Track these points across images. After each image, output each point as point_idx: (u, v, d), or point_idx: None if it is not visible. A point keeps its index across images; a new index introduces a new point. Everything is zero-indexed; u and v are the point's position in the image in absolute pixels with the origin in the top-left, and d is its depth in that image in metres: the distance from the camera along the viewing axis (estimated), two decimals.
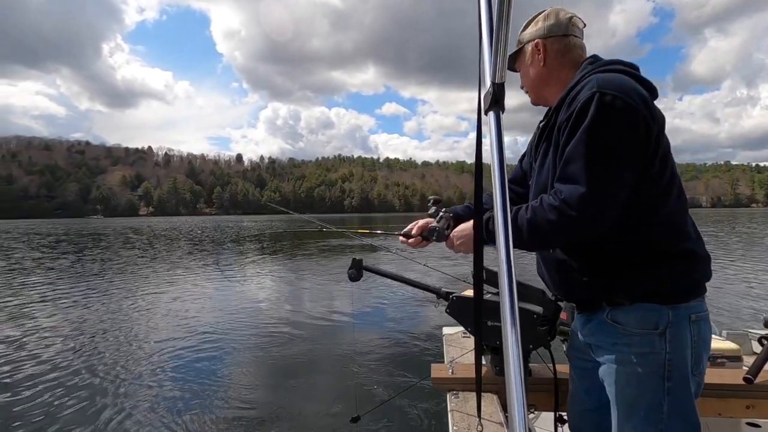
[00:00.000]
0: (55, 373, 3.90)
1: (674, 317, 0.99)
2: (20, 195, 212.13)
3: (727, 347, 1.57)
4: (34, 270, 11.28)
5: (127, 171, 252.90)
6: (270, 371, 3.89)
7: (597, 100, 0.94)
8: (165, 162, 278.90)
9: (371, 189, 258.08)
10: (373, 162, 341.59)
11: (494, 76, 0.56)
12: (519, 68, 1.25)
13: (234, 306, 6.54)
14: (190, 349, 4.52)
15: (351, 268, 1.55)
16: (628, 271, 1.01)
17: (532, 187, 1.19)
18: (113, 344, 4.73)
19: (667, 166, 1.02)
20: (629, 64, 1.08)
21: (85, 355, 4.36)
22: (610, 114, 0.93)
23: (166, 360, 4.18)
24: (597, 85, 0.96)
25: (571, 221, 0.95)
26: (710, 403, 1.37)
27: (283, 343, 4.67)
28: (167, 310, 6.30)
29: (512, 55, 1.24)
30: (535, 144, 1.21)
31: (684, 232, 1.03)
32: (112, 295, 7.53)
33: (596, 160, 0.94)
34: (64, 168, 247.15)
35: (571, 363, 1.27)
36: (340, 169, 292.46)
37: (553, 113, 1.10)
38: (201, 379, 3.73)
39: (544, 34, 1.15)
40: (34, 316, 6.09)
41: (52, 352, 4.49)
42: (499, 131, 0.55)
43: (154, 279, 9.36)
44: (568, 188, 0.95)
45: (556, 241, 1.06)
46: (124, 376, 3.80)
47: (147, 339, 4.89)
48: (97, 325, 5.58)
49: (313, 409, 3.13)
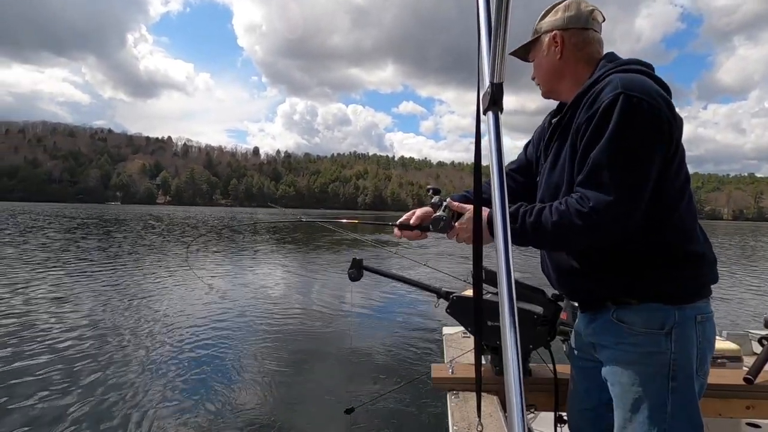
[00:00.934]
0: (58, 349, 4.08)
1: (680, 317, 1.00)
2: (45, 179, 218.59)
3: (728, 347, 1.58)
4: (56, 252, 11.65)
5: (147, 159, 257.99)
6: (269, 370, 3.85)
7: (622, 102, 0.93)
8: (183, 152, 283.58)
9: (385, 187, 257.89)
10: (388, 160, 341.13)
11: (493, 76, 0.56)
12: (532, 58, 1.22)
13: (234, 299, 6.58)
14: (189, 339, 4.56)
15: (351, 267, 1.57)
16: (638, 271, 1.02)
17: (541, 184, 1.18)
18: (108, 323, 4.93)
19: (682, 170, 1.02)
20: (646, 63, 1.07)
21: (84, 333, 4.55)
22: (636, 117, 0.93)
23: (157, 349, 4.24)
24: (621, 86, 0.95)
25: (598, 227, 0.96)
26: (710, 404, 1.37)
27: (282, 343, 4.65)
28: (162, 301, 6.44)
29: (526, 45, 1.21)
30: (547, 141, 1.19)
31: (694, 236, 1.03)
32: (118, 277, 7.76)
33: (624, 167, 0.93)
34: (87, 154, 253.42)
35: (572, 362, 1.27)
36: (355, 166, 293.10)
37: (569, 110, 1.09)
38: (197, 369, 3.76)
39: (564, 26, 1.12)
40: (44, 300, 6.29)
41: (61, 328, 4.72)
42: (497, 131, 0.55)
43: (150, 267, 9.59)
44: (595, 195, 0.94)
45: (579, 245, 1.06)
46: (114, 356, 3.95)
47: (141, 328, 4.99)
48: (101, 302, 5.82)
49: (310, 408, 3.14)
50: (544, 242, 1.08)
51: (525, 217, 1.03)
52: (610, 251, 1.03)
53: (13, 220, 28.92)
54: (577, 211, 0.96)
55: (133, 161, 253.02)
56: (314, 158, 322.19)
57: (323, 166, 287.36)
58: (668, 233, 1.01)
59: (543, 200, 1.18)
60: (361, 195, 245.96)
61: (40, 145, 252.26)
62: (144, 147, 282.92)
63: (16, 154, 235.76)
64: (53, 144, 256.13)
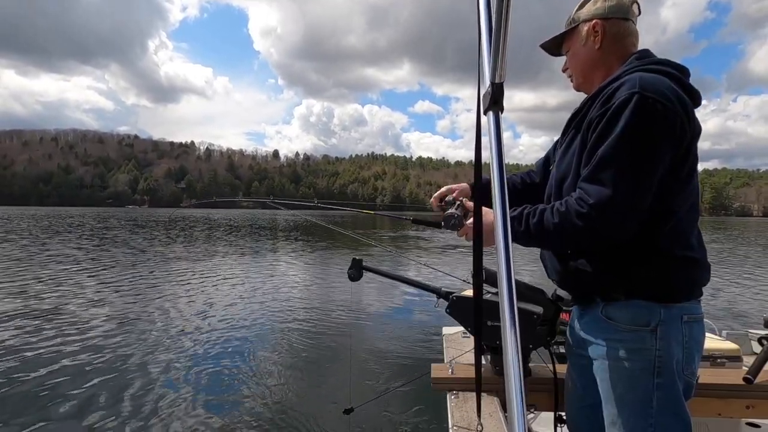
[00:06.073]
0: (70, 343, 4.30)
1: (666, 316, 1.00)
2: (77, 184, 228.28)
3: (727, 347, 1.56)
4: (91, 252, 12.17)
5: (172, 164, 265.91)
6: (268, 371, 3.84)
7: (635, 102, 0.92)
8: (206, 156, 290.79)
9: (403, 187, 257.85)
10: (406, 160, 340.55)
11: (493, 76, 0.55)
12: (567, 49, 1.19)
13: (233, 299, 6.68)
14: (188, 338, 4.65)
15: (351, 267, 1.58)
16: (627, 267, 1.02)
17: (553, 173, 1.18)
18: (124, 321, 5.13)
19: (692, 179, 1.01)
20: (678, 66, 1.04)
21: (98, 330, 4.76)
22: (647, 118, 0.92)
23: (157, 351, 4.30)
24: (639, 86, 0.93)
25: (597, 226, 0.96)
26: (710, 403, 1.36)
27: (281, 343, 4.68)
28: (168, 300, 6.64)
29: (559, 37, 1.19)
30: (562, 132, 1.19)
31: (688, 242, 1.03)
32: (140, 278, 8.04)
33: (628, 165, 0.93)
34: (115, 160, 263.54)
35: (569, 359, 1.27)
36: (373, 166, 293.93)
37: (586, 103, 1.08)
38: (195, 368, 3.79)
39: (605, 14, 1.10)
40: (74, 296, 6.61)
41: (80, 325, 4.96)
42: (498, 131, 0.55)
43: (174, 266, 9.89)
44: (597, 190, 0.94)
45: (583, 245, 1.05)
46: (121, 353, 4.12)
47: (145, 327, 5.14)
48: (122, 300, 6.06)
49: (310, 407, 3.15)
50: (548, 244, 1.08)
51: (528, 218, 1.04)
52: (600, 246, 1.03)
53: (56, 222, 30.36)
54: (577, 212, 0.96)
55: (160, 166, 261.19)
56: (333, 160, 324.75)
57: (342, 168, 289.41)
58: (663, 236, 1.00)
59: (549, 191, 1.18)
60: (379, 195, 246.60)
61: (72, 152, 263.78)
62: (169, 152, 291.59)
63: (50, 161, 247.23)
64: (84, 150, 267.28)
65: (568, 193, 1.06)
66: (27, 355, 4.06)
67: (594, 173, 0.96)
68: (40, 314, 5.50)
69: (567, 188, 1.08)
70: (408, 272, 8.47)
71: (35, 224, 28.06)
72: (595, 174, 0.95)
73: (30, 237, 17.78)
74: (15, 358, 3.95)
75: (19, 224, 28.04)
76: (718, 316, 5.19)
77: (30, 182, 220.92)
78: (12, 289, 7.08)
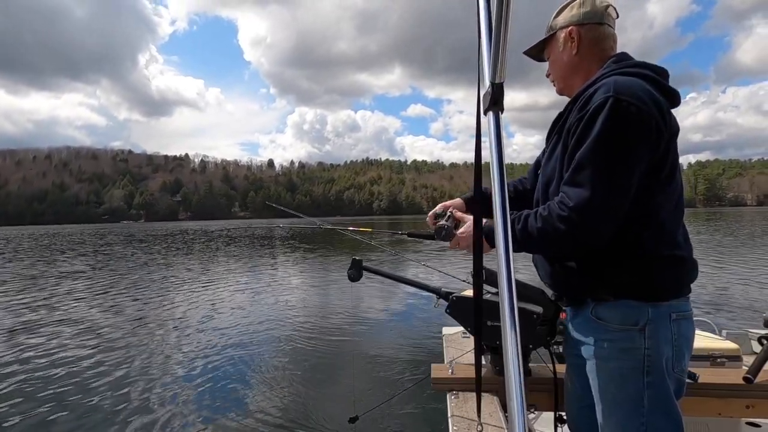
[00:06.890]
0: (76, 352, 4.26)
1: (654, 315, 1.00)
2: (72, 201, 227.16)
3: (727, 347, 1.56)
4: (90, 269, 12.10)
5: (167, 177, 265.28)
6: (272, 378, 3.85)
7: (610, 105, 0.94)
8: (201, 168, 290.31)
9: (399, 191, 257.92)
10: (401, 165, 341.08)
11: (493, 77, 0.55)
12: (547, 56, 1.22)
13: (234, 308, 6.64)
14: (191, 348, 4.65)
15: (351, 268, 1.57)
16: (614, 268, 1.02)
17: (540, 177, 1.20)
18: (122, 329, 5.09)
19: (674, 178, 1.02)
20: (655, 68, 1.06)
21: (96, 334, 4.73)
22: (622, 121, 0.94)
23: (158, 355, 4.40)
24: (613, 90, 0.95)
25: (579, 229, 0.97)
26: (710, 403, 1.36)
27: (282, 343, 4.70)
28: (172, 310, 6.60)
29: (539, 44, 1.22)
30: (547, 136, 1.21)
31: (674, 240, 1.04)
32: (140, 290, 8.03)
33: (605, 167, 0.94)
34: (110, 175, 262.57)
35: (567, 360, 1.27)
36: (369, 172, 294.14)
37: (568, 108, 1.10)
38: (198, 379, 3.77)
39: (580, 20, 1.12)
40: (78, 311, 6.57)
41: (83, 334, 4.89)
42: (498, 131, 0.55)
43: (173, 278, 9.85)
44: (576, 193, 0.96)
45: (567, 249, 1.07)
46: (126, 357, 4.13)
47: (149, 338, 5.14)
48: (119, 310, 6.03)
49: (312, 410, 3.14)
50: (533, 248, 1.10)
51: (514, 224, 1.05)
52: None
53: (57, 240, 30.22)
54: (559, 216, 0.98)
55: (155, 179, 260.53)
56: (328, 167, 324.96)
57: (337, 174, 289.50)
58: (648, 235, 1.01)
59: (537, 196, 1.20)
60: (376, 201, 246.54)
61: (66, 169, 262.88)
62: (163, 165, 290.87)
63: (44, 179, 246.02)
64: (78, 167, 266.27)
65: (552, 197, 1.07)
66: (51, 360, 4.25)
67: (572, 176, 0.98)
68: (66, 325, 5.65)
69: (552, 193, 1.10)
70: (408, 272, 8.46)
71: (36, 243, 27.97)
72: (573, 177, 0.98)
73: (36, 256, 17.85)
74: (35, 365, 4.15)
75: (20, 244, 28.02)
76: (718, 316, 5.16)
77: (24, 201, 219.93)
78: (34, 303, 7.36)
